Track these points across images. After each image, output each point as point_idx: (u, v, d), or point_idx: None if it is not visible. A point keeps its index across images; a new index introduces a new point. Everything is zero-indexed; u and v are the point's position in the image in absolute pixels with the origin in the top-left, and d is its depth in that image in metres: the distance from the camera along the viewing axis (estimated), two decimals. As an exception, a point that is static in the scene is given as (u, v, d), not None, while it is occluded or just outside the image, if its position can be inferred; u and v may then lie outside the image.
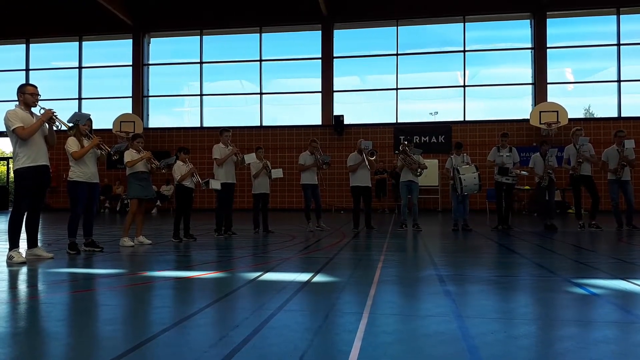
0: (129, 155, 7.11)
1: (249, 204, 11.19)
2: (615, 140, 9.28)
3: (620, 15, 17.22)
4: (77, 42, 20.28)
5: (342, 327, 2.80)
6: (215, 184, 8.04)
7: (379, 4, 18.14)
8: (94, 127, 6.50)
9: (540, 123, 16.40)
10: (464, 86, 18.13)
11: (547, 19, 17.54)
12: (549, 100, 17.17)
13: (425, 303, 3.47)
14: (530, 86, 17.86)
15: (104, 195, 17.69)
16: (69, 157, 6.08)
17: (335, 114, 18.27)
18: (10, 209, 6.60)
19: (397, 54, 18.45)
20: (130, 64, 19.80)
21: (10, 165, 21.59)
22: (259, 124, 19.13)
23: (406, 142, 9.56)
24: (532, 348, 2.44)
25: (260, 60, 19.19)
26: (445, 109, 18.50)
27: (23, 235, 5.52)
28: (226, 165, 8.35)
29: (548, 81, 17.50)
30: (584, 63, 18.34)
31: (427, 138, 17.86)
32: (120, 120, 18.65)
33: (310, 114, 19.02)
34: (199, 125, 19.47)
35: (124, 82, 19.94)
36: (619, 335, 2.69)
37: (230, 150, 8.40)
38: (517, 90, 18.29)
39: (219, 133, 8.62)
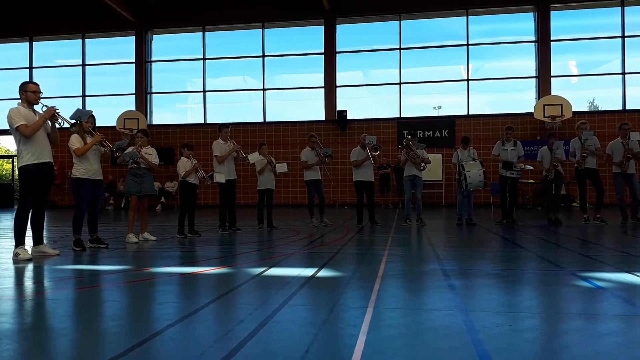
0: None
1: (253, 199, 11.21)
2: (620, 133, 9.22)
3: (625, 7, 17.09)
4: (80, 40, 20.31)
5: (346, 321, 2.80)
6: (219, 177, 8.08)
7: (382, -2, 18.07)
8: (98, 124, 6.51)
9: (544, 116, 16.32)
10: (468, 80, 18.04)
11: (551, 12, 17.42)
12: (553, 93, 17.08)
13: (430, 297, 3.47)
14: (534, 79, 17.76)
15: (109, 192, 17.75)
16: (72, 154, 6.11)
17: (338, 109, 18.24)
18: (16, 207, 6.64)
19: (400, 48, 18.38)
20: (133, 61, 19.83)
21: (15, 163, 21.68)
22: (262, 120, 19.13)
23: (410, 137, 9.54)
24: (537, 341, 2.43)
25: (263, 56, 19.16)
26: (449, 103, 18.44)
27: (28, 233, 5.56)
28: (227, 162, 8.36)
29: (552, 74, 17.40)
30: (588, 56, 18.24)
31: (431, 132, 17.80)
32: (124, 117, 18.69)
33: (313, 109, 19.00)
34: (202, 121, 19.49)
35: (127, 79, 19.98)
36: (624, 327, 2.68)
37: (230, 147, 8.41)
38: (521, 83, 18.20)
39: (217, 129, 8.64)
